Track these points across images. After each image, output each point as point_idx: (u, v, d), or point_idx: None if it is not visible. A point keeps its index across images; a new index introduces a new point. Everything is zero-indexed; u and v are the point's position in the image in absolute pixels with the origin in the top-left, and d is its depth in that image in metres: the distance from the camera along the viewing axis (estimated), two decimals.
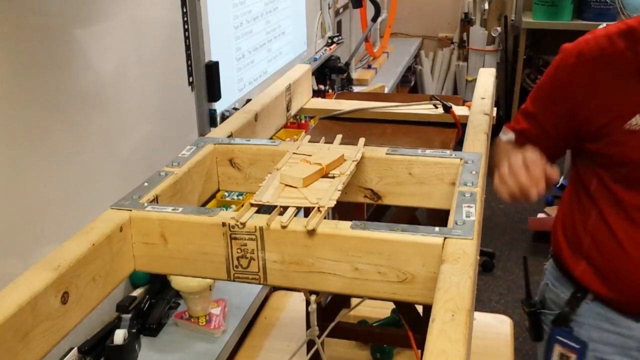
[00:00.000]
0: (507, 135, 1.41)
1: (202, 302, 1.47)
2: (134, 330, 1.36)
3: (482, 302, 3.02)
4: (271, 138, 1.25)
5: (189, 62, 1.79)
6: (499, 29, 4.49)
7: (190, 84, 1.81)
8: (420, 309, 1.26)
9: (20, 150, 1.20)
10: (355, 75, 3.35)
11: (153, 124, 1.65)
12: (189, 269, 0.86)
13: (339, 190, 0.89)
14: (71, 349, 1.27)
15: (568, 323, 1.40)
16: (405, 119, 1.31)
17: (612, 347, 1.37)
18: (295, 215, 0.83)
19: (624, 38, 1.24)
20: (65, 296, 0.73)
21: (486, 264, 3.28)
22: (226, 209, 1.17)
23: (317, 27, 3.02)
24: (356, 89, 3.21)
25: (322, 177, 0.93)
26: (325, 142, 1.08)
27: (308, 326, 1.30)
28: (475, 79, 1.49)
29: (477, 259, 0.76)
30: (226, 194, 1.86)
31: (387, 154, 1.01)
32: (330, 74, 3.02)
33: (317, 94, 2.43)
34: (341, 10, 3.38)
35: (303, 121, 2.39)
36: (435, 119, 1.29)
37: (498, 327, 1.66)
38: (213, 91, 1.88)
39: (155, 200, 0.90)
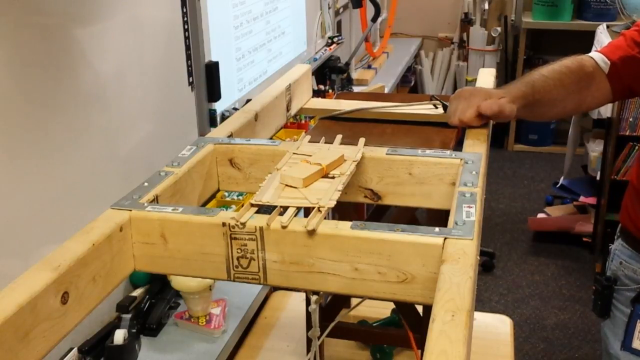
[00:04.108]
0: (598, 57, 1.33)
1: (202, 302, 1.47)
2: (134, 330, 1.36)
3: (482, 302, 3.02)
4: (271, 138, 1.25)
5: (189, 62, 1.79)
6: (499, 29, 4.49)
7: (190, 84, 1.81)
8: (420, 309, 1.26)
9: (20, 150, 1.20)
10: (355, 75, 3.35)
11: (153, 124, 1.65)
12: (189, 269, 0.86)
13: (339, 191, 0.89)
14: (71, 349, 1.27)
15: None
16: (405, 119, 1.31)
17: None
18: (295, 216, 0.83)
19: None
20: (65, 296, 0.73)
21: (486, 264, 3.28)
22: (226, 209, 1.17)
23: (317, 27, 3.02)
24: (356, 89, 3.21)
25: (322, 177, 0.93)
26: (325, 142, 1.08)
27: (308, 326, 1.30)
28: (475, 79, 1.49)
29: (477, 259, 0.76)
30: (226, 194, 1.86)
31: (387, 154, 1.01)
32: (330, 74, 3.02)
33: (317, 94, 2.44)
34: (341, 10, 3.38)
35: (303, 121, 2.39)
36: (435, 119, 1.28)
37: (498, 327, 1.66)
38: (213, 91, 1.88)
39: (155, 200, 0.90)
